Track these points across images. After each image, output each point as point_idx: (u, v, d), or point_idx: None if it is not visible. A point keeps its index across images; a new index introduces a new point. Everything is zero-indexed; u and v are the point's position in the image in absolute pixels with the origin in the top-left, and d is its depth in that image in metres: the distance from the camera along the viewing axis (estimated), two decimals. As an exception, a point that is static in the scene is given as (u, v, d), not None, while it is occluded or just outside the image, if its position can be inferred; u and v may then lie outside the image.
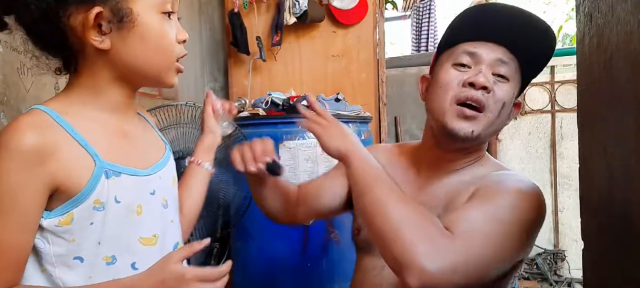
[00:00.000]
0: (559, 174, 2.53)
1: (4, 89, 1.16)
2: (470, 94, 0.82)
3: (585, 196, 0.82)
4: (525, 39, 0.84)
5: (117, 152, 0.70)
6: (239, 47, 2.42)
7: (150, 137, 0.82)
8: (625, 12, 0.60)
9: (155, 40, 0.69)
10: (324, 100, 2.14)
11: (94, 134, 0.68)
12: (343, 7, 2.43)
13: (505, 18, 0.86)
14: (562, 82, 2.52)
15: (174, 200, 0.82)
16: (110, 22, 0.65)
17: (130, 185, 0.70)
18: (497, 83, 0.83)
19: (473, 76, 0.82)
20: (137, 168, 0.72)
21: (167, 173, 0.80)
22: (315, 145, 1.94)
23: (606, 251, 0.74)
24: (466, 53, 0.85)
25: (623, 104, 0.64)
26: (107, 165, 0.67)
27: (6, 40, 1.15)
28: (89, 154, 0.66)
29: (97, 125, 0.70)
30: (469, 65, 0.84)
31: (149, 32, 0.68)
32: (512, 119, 0.91)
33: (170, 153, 0.84)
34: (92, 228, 0.66)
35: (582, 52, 0.77)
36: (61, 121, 0.66)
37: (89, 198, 0.65)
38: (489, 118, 0.83)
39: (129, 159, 0.72)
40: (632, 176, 0.62)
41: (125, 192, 0.69)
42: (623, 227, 0.66)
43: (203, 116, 0.99)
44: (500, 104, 0.83)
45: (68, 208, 0.64)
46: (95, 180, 0.65)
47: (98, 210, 0.66)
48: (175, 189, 0.84)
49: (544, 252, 2.54)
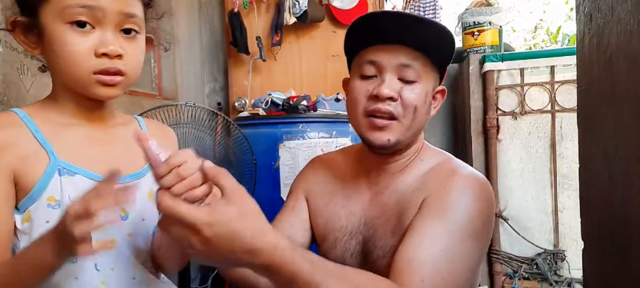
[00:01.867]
0: (559, 174, 2.53)
1: (4, 89, 1.16)
2: (377, 106, 0.81)
3: (585, 196, 0.82)
4: (423, 32, 0.81)
5: (76, 154, 0.71)
6: (239, 47, 2.42)
7: (128, 148, 0.75)
8: (625, 12, 0.60)
9: (60, 51, 0.67)
10: (324, 100, 2.14)
11: (57, 136, 0.70)
12: (343, 7, 2.43)
13: (397, 18, 0.85)
14: (562, 82, 2.52)
15: (144, 214, 0.77)
16: (28, 30, 0.68)
17: (86, 187, 0.67)
18: (405, 88, 0.82)
19: (377, 88, 0.81)
20: (98, 174, 0.71)
21: (139, 186, 0.74)
22: (315, 145, 1.94)
23: (606, 251, 0.74)
24: (369, 63, 0.84)
25: (623, 104, 0.64)
26: (62, 163, 0.68)
27: (6, 40, 1.15)
28: (46, 151, 0.68)
29: (62, 129, 0.72)
30: (374, 74, 0.83)
31: (54, 43, 0.67)
32: (437, 109, 0.90)
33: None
34: (50, 226, 0.65)
35: (582, 52, 0.77)
36: (27, 121, 0.69)
37: (42, 195, 0.67)
38: (403, 124, 0.83)
39: (89, 163, 0.71)
40: (631, 176, 0.62)
41: (79, 192, 0.65)
42: (623, 227, 0.66)
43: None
44: (412, 109, 0.82)
45: (26, 205, 0.67)
46: (49, 176, 0.67)
47: (53, 209, 0.67)
48: (152, 205, 0.74)
49: (543, 252, 2.54)
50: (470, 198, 0.81)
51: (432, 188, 0.83)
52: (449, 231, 0.76)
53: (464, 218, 0.78)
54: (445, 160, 0.90)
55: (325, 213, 0.96)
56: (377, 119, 0.82)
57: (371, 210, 0.90)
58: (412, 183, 0.87)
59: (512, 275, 2.47)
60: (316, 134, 1.97)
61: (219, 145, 1.71)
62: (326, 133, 1.99)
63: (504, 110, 2.60)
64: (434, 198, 0.81)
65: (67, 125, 0.73)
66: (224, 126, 1.76)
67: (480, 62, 2.66)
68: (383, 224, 0.87)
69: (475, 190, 0.82)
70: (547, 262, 2.51)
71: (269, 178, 1.95)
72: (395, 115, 0.81)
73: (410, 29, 0.80)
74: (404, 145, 0.87)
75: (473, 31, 2.83)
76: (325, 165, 1.03)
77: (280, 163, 1.95)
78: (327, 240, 0.94)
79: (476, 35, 2.82)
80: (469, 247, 0.77)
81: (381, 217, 0.87)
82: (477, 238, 0.79)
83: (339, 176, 0.98)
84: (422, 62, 0.82)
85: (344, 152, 1.04)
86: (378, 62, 0.83)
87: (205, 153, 1.64)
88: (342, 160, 1.02)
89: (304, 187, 1.01)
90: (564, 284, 2.43)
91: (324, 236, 0.95)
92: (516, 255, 2.55)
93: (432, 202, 0.80)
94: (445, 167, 0.88)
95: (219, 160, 1.71)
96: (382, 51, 0.83)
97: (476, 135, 2.68)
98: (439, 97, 0.89)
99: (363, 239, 0.90)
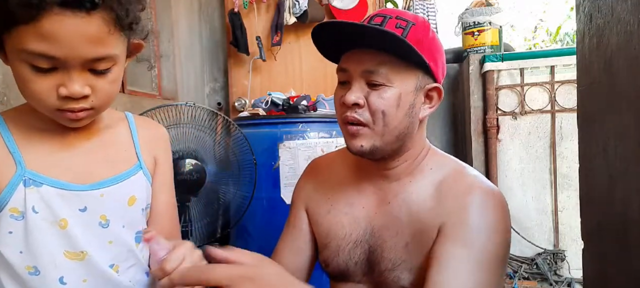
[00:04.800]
0: (559, 174, 2.53)
1: (4, 89, 1.16)
2: (345, 115, 0.81)
3: (585, 196, 0.82)
4: (382, 36, 0.77)
5: (48, 163, 0.68)
6: (239, 47, 2.42)
7: (110, 151, 0.76)
8: (625, 12, 0.60)
9: (21, 85, 0.62)
10: (324, 100, 2.14)
11: (30, 144, 0.68)
12: (343, 7, 2.43)
13: (354, 26, 0.80)
14: (562, 82, 2.52)
15: (124, 220, 0.74)
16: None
17: (53, 197, 0.67)
18: (372, 93, 0.79)
19: (344, 96, 0.80)
20: (67, 182, 0.68)
21: (117, 192, 0.73)
22: (315, 145, 1.94)
23: (606, 251, 0.74)
24: (341, 71, 0.84)
25: (623, 104, 0.64)
26: (29, 173, 0.66)
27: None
28: (14, 161, 0.66)
29: (37, 135, 0.69)
30: (346, 80, 0.83)
31: (16, 74, 0.62)
32: (433, 108, 0.85)
33: (138, 170, 0.77)
34: (12, 237, 0.65)
35: (582, 52, 0.77)
36: (1, 127, 0.68)
37: (5, 206, 0.64)
38: (374, 130, 0.80)
39: (59, 172, 0.68)
40: (631, 176, 0.62)
41: (45, 204, 0.66)
42: (623, 227, 0.66)
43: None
44: (380, 114, 0.79)
45: None
46: (13, 188, 0.65)
47: (17, 220, 0.65)
48: (133, 210, 0.76)
49: (543, 252, 2.54)
50: (493, 218, 0.79)
51: (451, 208, 0.80)
52: (478, 262, 0.74)
53: (491, 245, 0.76)
54: (457, 170, 0.86)
55: (327, 220, 0.93)
56: (349, 126, 0.81)
57: (378, 219, 0.87)
58: (425, 198, 0.83)
59: (512, 275, 2.47)
60: (316, 134, 1.97)
61: (219, 145, 1.71)
62: (326, 133, 1.99)
63: (504, 110, 2.60)
64: (456, 222, 0.78)
65: (44, 130, 0.70)
66: (224, 126, 1.76)
67: (480, 62, 2.66)
68: (393, 237, 0.84)
69: (496, 209, 0.80)
70: (547, 262, 2.51)
71: (269, 178, 1.95)
72: (364, 122, 0.79)
73: (371, 33, 0.78)
74: (387, 151, 0.83)
75: (473, 31, 2.84)
76: (322, 170, 1.00)
77: (280, 163, 1.95)
78: (328, 247, 0.92)
79: (476, 35, 2.82)
80: (497, 275, 0.77)
81: (390, 229, 0.85)
82: (503, 261, 0.79)
83: (338, 181, 0.95)
84: (392, 64, 0.79)
85: (343, 154, 0.99)
86: (347, 69, 0.82)
87: (205, 153, 1.64)
88: (341, 163, 0.98)
89: (301, 198, 0.99)
90: (564, 284, 2.43)
91: (325, 243, 0.93)
92: (516, 255, 2.55)
93: (455, 227, 0.78)
94: (460, 180, 0.83)
95: (219, 160, 1.71)
96: (351, 58, 0.82)
97: (476, 135, 2.68)
98: (434, 95, 0.84)
99: (369, 248, 0.87)
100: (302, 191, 1.00)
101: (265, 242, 1.00)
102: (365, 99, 0.79)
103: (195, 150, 1.60)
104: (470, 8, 2.90)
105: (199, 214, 1.64)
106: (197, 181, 1.56)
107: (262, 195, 1.94)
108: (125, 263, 0.75)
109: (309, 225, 0.97)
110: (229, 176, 1.73)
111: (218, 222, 1.76)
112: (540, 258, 2.50)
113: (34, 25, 0.56)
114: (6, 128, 0.68)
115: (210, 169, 1.63)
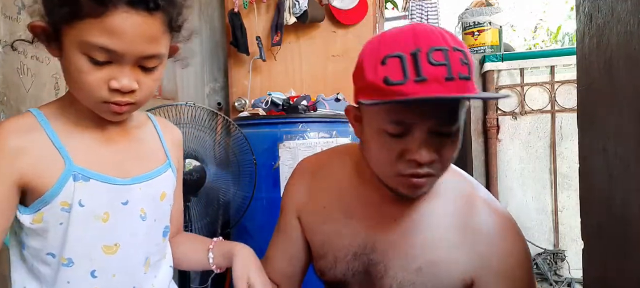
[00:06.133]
0: (559, 174, 2.53)
1: (4, 89, 1.16)
2: (416, 171, 0.69)
3: (585, 196, 0.82)
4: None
5: (92, 158, 0.71)
6: (239, 47, 2.42)
7: (143, 148, 0.80)
8: (625, 12, 0.60)
9: (74, 75, 0.64)
10: (324, 100, 2.14)
11: (73, 139, 0.71)
12: (343, 7, 2.43)
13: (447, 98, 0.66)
14: (562, 82, 2.52)
15: (156, 215, 0.79)
16: (49, 39, 0.66)
17: (99, 191, 0.71)
18: (445, 145, 0.69)
19: (414, 153, 0.67)
20: (111, 176, 0.72)
21: (152, 187, 0.78)
22: (315, 145, 1.94)
23: (606, 251, 0.74)
24: (398, 123, 0.67)
25: (623, 104, 0.64)
26: (77, 168, 0.69)
27: (6, 40, 1.15)
28: (62, 157, 0.68)
29: (78, 130, 0.72)
30: (402, 132, 0.68)
31: (70, 65, 0.64)
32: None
33: (167, 168, 0.82)
34: (62, 228, 0.69)
35: (582, 52, 0.77)
36: (45, 124, 0.69)
37: (55, 199, 0.67)
38: (439, 176, 0.73)
39: (103, 166, 0.72)
40: (631, 176, 0.62)
41: (91, 197, 0.70)
42: (623, 227, 0.66)
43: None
44: (450, 160, 0.72)
45: (38, 206, 0.67)
46: (62, 182, 0.67)
47: (66, 212, 0.68)
48: (164, 205, 0.81)
49: (543, 252, 2.54)
50: (527, 260, 0.79)
51: (486, 257, 0.76)
52: None
53: (529, 281, 0.78)
54: (472, 195, 0.81)
55: (323, 231, 0.87)
56: (414, 179, 0.71)
57: (382, 234, 0.81)
58: (447, 228, 0.78)
59: (512, 275, 2.47)
60: (316, 134, 1.97)
61: (219, 145, 1.71)
62: (326, 133, 1.99)
63: (504, 110, 2.60)
64: (498, 276, 0.76)
65: (83, 126, 0.72)
66: (224, 126, 1.76)
67: (480, 62, 2.66)
68: (401, 257, 0.79)
69: (524, 244, 0.80)
70: (547, 262, 2.51)
71: (269, 178, 1.95)
72: (433, 173, 0.71)
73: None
74: None
75: (473, 31, 2.84)
76: (315, 174, 0.92)
77: (280, 164, 1.95)
78: (324, 258, 0.87)
79: (476, 35, 2.83)
80: None
81: (398, 249, 0.79)
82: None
83: (335, 187, 0.88)
84: (461, 110, 0.70)
85: (339, 156, 0.91)
86: (411, 122, 0.67)
87: (205, 153, 1.64)
88: (337, 167, 0.90)
89: (292, 205, 0.92)
90: (564, 284, 2.43)
91: (321, 254, 0.88)
92: (516, 255, 2.55)
93: (498, 282, 0.76)
94: (483, 213, 0.79)
95: (219, 160, 1.71)
96: (414, 111, 0.66)
97: (476, 135, 2.68)
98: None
99: (369, 261, 0.83)
100: (292, 197, 0.93)
101: (265, 242, 0.99)
102: (437, 152, 0.69)
103: (195, 150, 1.60)
104: (470, 8, 2.90)
105: (199, 214, 1.64)
106: (197, 181, 1.56)
107: (262, 195, 1.94)
108: (155, 257, 0.80)
109: (301, 232, 0.92)
110: (229, 176, 1.73)
111: (218, 222, 1.76)
112: (540, 258, 2.50)
113: (101, 20, 0.60)
114: (49, 125, 0.70)
115: (210, 169, 1.63)
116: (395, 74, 0.65)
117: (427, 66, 0.64)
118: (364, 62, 0.71)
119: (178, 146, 0.89)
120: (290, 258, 0.94)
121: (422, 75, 0.63)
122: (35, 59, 1.29)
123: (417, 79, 0.63)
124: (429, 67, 0.64)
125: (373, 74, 0.67)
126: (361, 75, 0.71)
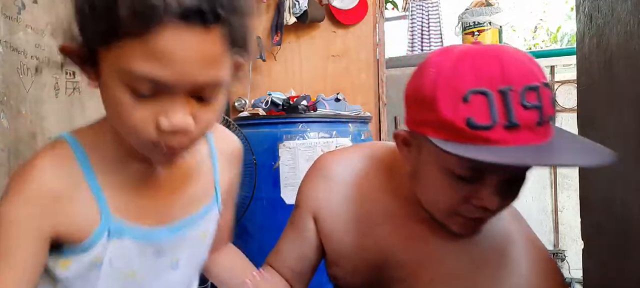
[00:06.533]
0: (559, 174, 2.53)
1: (4, 89, 1.16)
2: (481, 217, 0.65)
3: (585, 196, 0.82)
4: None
5: (129, 205, 0.62)
6: (239, 47, 2.42)
7: (192, 189, 0.69)
8: (625, 12, 0.60)
9: (114, 109, 0.52)
10: (324, 100, 2.14)
11: (112, 178, 0.61)
12: (343, 7, 2.43)
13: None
14: (562, 82, 2.52)
15: (191, 258, 0.71)
16: (84, 62, 0.53)
17: (132, 249, 0.63)
18: (511, 190, 0.64)
19: (485, 200, 0.62)
20: (148, 229, 0.64)
21: (193, 230, 0.69)
22: (315, 145, 1.94)
23: (606, 251, 0.74)
24: (473, 169, 0.61)
25: (623, 104, 0.64)
26: (112, 224, 0.60)
27: (6, 40, 1.15)
28: (98, 206, 0.59)
29: (118, 168, 0.62)
30: (470, 177, 0.62)
31: (108, 95, 0.52)
32: None
33: (214, 207, 0.72)
34: (87, 279, 0.63)
35: (582, 52, 0.78)
36: (82, 160, 0.59)
37: (87, 254, 0.60)
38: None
39: (143, 216, 0.63)
40: (631, 176, 0.62)
41: (123, 257, 0.63)
42: (623, 227, 0.66)
43: None
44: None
45: (68, 254, 0.60)
46: (96, 239, 0.60)
47: (97, 268, 0.62)
48: (202, 245, 0.73)
49: (544, 252, 2.54)
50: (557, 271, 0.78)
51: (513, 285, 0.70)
52: None
53: None
54: (507, 227, 0.75)
55: (343, 241, 0.82)
56: (472, 221, 0.67)
57: (411, 253, 0.75)
58: (486, 261, 0.71)
59: (512, 275, 2.47)
60: (316, 134, 1.97)
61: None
62: (326, 133, 1.98)
63: (504, 110, 2.60)
64: None
65: (123, 163, 0.62)
66: (224, 126, 1.76)
67: (480, 62, 2.66)
68: (429, 282, 0.74)
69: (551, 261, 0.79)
70: (547, 262, 2.51)
71: (269, 178, 1.95)
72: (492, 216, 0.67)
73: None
74: None
75: (473, 31, 2.84)
76: (338, 174, 0.85)
77: (280, 164, 1.95)
78: (341, 266, 0.83)
79: (476, 35, 2.83)
80: None
81: (430, 271, 0.73)
82: None
83: (358, 193, 0.81)
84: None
85: (367, 159, 0.84)
86: (487, 172, 0.61)
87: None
88: (364, 171, 0.82)
89: (309, 205, 0.86)
90: (564, 284, 2.43)
91: (337, 262, 0.84)
92: (516, 255, 2.55)
93: None
94: (515, 245, 0.74)
95: (219, 160, 1.71)
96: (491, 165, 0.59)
97: (476, 135, 2.68)
98: None
99: (389, 278, 0.77)
100: (309, 198, 0.86)
101: (265, 242, 0.99)
102: (501, 197, 0.63)
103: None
104: (470, 8, 2.91)
105: (199, 214, 1.64)
106: (197, 181, 1.56)
107: (262, 195, 1.94)
108: None
109: (316, 234, 0.86)
110: (229, 176, 1.73)
111: (218, 222, 1.76)
112: (540, 258, 2.51)
113: (144, 41, 0.46)
114: (87, 160, 0.59)
115: (210, 169, 1.62)
116: (480, 116, 0.55)
117: (520, 110, 0.54)
118: (437, 93, 0.58)
119: (235, 163, 0.78)
120: (301, 257, 0.88)
121: (514, 120, 0.54)
122: (35, 58, 1.28)
123: (507, 125, 0.54)
124: (522, 111, 0.54)
125: (452, 111, 0.56)
126: (433, 107, 0.59)
